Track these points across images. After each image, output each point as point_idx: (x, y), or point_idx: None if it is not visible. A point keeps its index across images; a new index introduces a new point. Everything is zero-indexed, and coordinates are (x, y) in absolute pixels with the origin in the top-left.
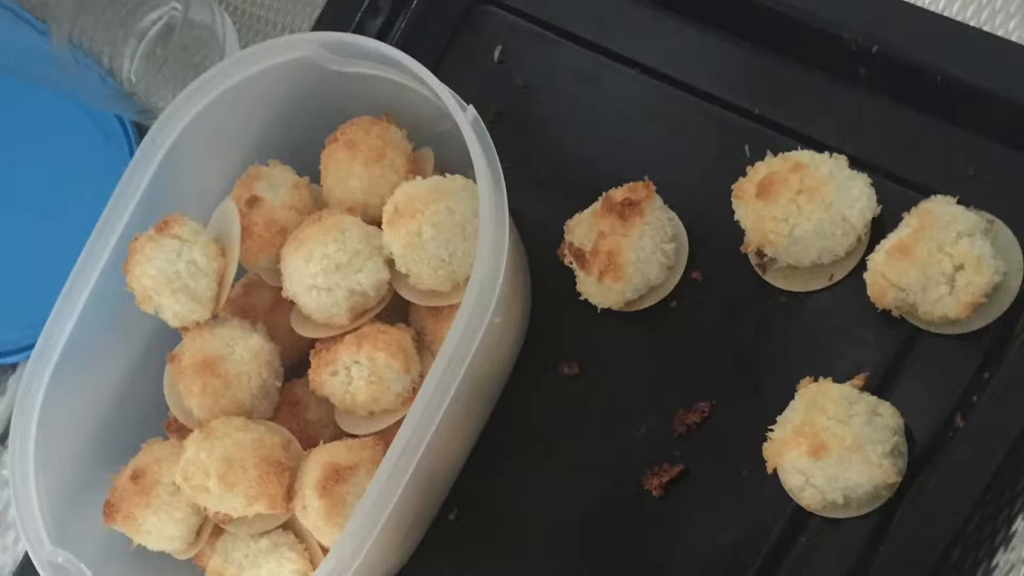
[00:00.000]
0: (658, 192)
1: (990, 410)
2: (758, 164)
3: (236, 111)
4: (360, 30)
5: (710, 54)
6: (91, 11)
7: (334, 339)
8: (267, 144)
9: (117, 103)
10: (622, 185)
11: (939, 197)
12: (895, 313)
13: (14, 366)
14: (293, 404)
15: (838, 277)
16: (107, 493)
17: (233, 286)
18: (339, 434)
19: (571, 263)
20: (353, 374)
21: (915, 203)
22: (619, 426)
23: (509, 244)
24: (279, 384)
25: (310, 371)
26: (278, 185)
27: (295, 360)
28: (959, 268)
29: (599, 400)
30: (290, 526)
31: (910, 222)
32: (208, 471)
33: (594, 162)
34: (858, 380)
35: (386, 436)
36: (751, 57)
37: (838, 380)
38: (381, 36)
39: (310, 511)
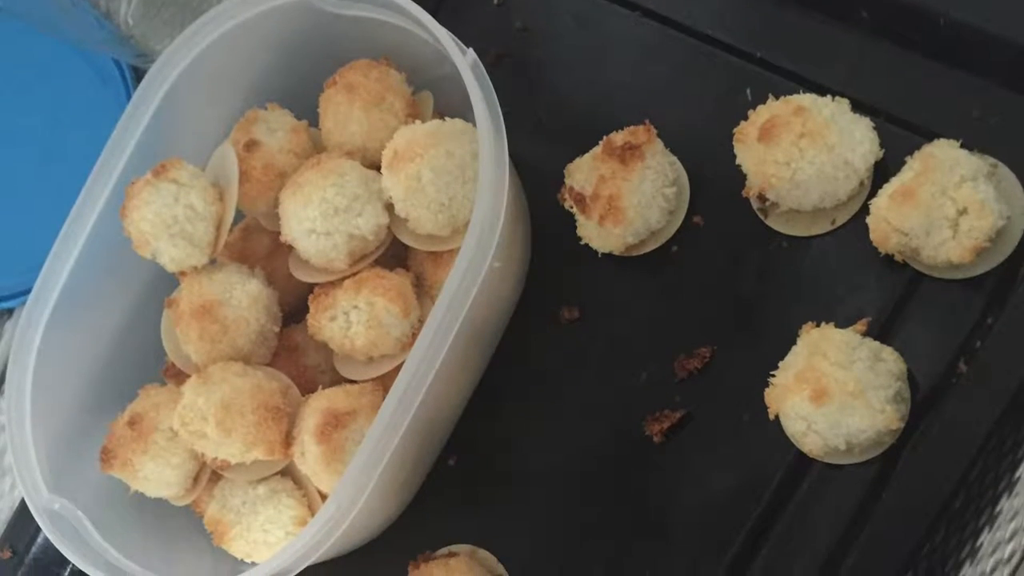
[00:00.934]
0: (659, 136)
1: (994, 355)
2: (760, 108)
3: (234, 54)
4: None
5: None
6: None
7: (333, 284)
8: (265, 87)
9: (114, 46)
10: (623, 129)
11: (942, 141)
12: (898, 258)
13: (10, 311)
14: (291, 349)
15: (840, 221)
16: (104, 439)
17: (231, 231)
18: (338, 379)
19: (571, 207)
20: (352, 319)
21: (918, 147)
22: (620, 371)
23: (509, 188)
24: (277, 329)
25: (308, 316)
26: (276, 129)
27: (293, 305)
28: (962, 212)
29: (599, 345)
30: (288, 472)
31: (913, 166)
32: (206, 417)
33: (594, 105)
34: (860, 325)
35: (385, 381)
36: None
37: (840, 325)
38: None
39: (308, 457)
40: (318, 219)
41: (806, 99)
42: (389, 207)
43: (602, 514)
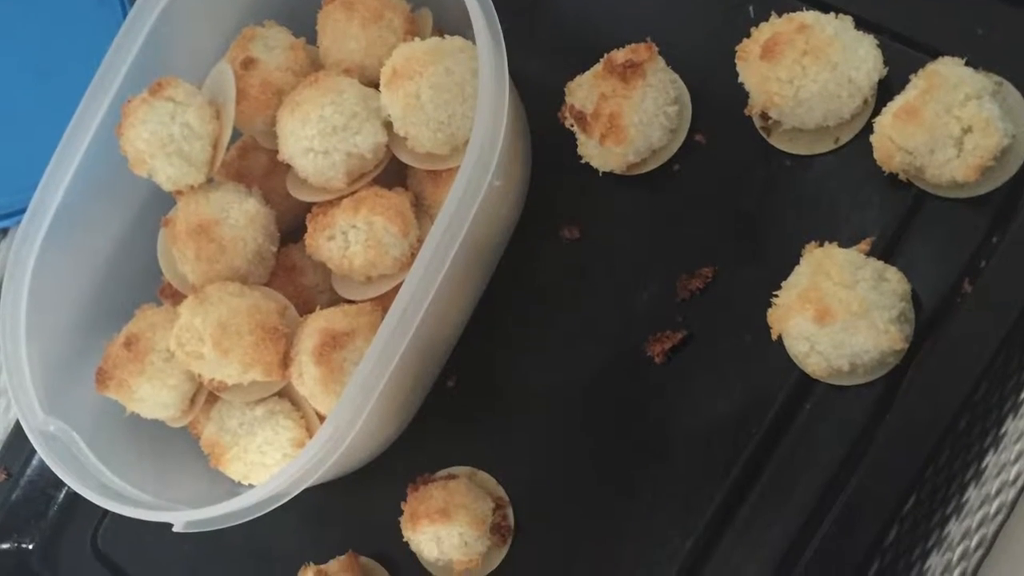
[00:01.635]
0: (660, 54)
1: (998, 275)
2: (762, 25)
3: None
4: None
5: None
6: None
7: (331, 203)
8: (263, 5)
9: None
10: (624, 46)
11: (947, 58)
12: (902, 177)
13: (5, 231)
14: (289, 269)
15: (844, 140)
16: (100, 360)
17: (228, 149)
18: (336, 299)
19: (572, 126)
20: (350, 238)
21: (922, 65)
22: (621, 291)
23: (509, 106)
24: (275, 249)
25: (306, 236)
26: (274, 46)
27: (291, 224)
28: (967, 130)
29: (600, 265)
30: (286, 393)
31: (917, 84)
32: (202, 337)
33: (595, 23)
34: (864, 245)
35: (384, 301)
36: None
37: (844, 245)
38: None
39: (306, 378)
40: (316, 137)
41: (809, 16)
42: (388, 125)
43: (602, 435)
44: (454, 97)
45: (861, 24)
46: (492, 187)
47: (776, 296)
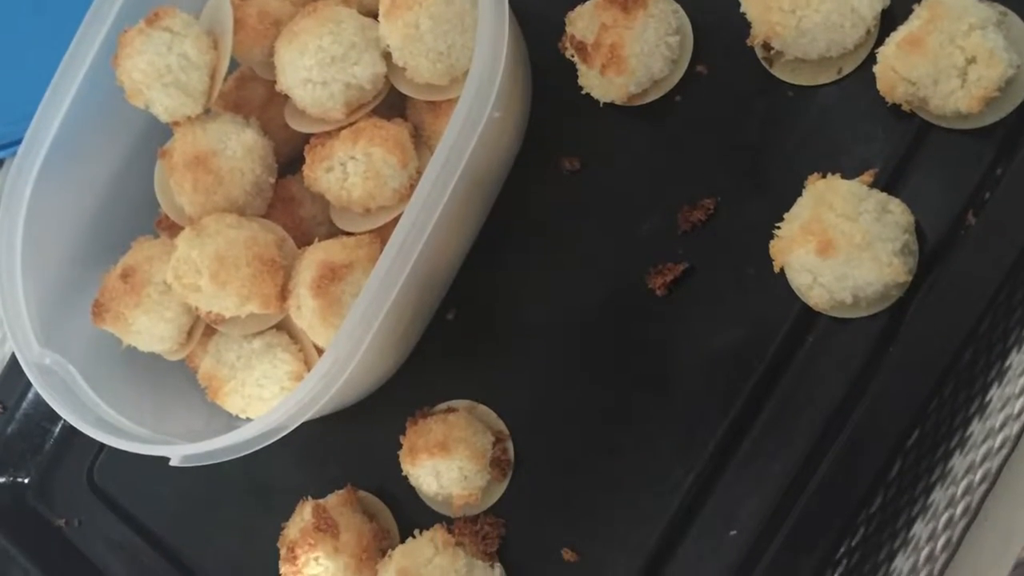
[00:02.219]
0: None
1: (1003, 207)
2: None
3: None
4: None
5: None
6: None
7: (329, 134)
8: None
9: None
10: None
11: None
12: (905, 107)
13: (1, 162)
14: (287, 201)
15: (847, 71)
16: (96, 293)
17: (225, 80)
18: (334, 231)
19: (573, 56)
20: (349, 170)
21: None
22: (622, 223)
23: (509, 36)
24: (273, 180)
25: (305, 167)
26: None
27: (289, 156)
28: (971, 61)
29: (601, 197)
30: (284, 326)
31: (921, 14)
32: (200, 269)
33: None
34: (867, 176)
35: (383, 233)
36: None
37: (847, 176)
38: None
39: (305, 311)
40: (314, 68)
41: None
42: (386, 56)
43: (603, 369)
44: (453, 27)
45: None
46: (492, 118)
47: (778, 228)
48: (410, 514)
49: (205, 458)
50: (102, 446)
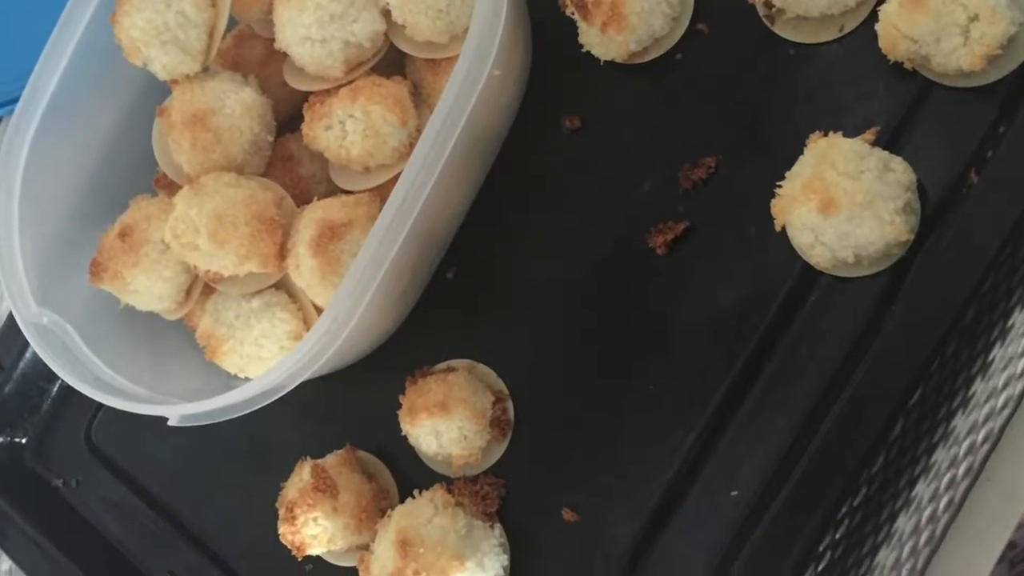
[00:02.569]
0: None
1: (1005, 165)
2: None
3: None
4: None
5: None
6: None
7: (328, 92)
8: None
9: None
10: None
11: None
12: (907, 65)
13: None
14: (286, 159)
15: (849, 28)
16: (94, 252)
17: (224, 38)
18: (333, 190)
19: (573, 14)
20: (348, 128)
21: None
22: (622, 182)
23: None
24: (271, 139)
25: (303, 125)
26: None
27: (288, 114)
28: (974, 19)
29: (602, 155)
30: (283, 285)
31: None
32: (198, 228)
33: None
34: (869, 134)
35: (382, 192)
36: None
37: (848, 134)
38: None
39: (303, 269)
40: (313, 25)
41: None
42: (386, 13)
43: (604, 329)
44: None
45: None
46: (492, 76)
47: (780, 187)
48: (409, 474)
49: (203, 418)
50: (100, 406)
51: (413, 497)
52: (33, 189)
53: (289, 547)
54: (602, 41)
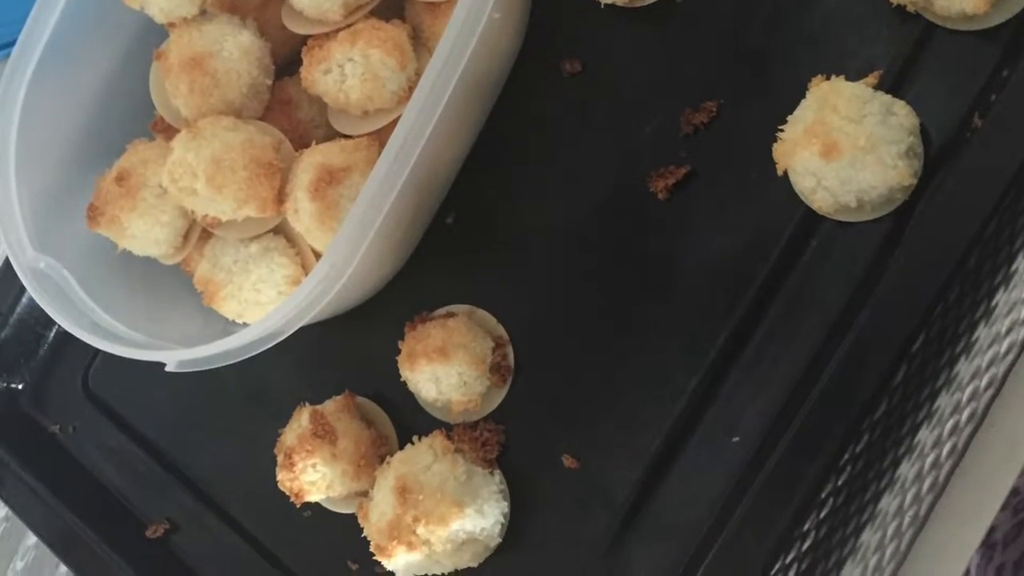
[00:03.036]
0: None
1: (1009, 109)
2: None
3: None
4: None
5: None
6: None
7: (327, 35)
8: None
9: None
10: None
11: None
12: (910, 8)
13: None
14: (284, 103)
15: None
16: (91, 196)
17: None
18: (332, 134)
19: None
20: (347, 72)
21: None
22: (623, 126)
23: None
24: (270, 83)
25: (302, 69)
26: None
27: (286, 58)
28: None
29: (602, 99)
30: (281, 230)
31: None
32: (196, 172)
33: None
34: (872, 78)
35: (381, 136)
36: None
37: (851, 78)
38: None
39: (302, 214)
40: None
41: None
42: None
43: (604, 274)
44: None
45: None
46: (491, 20)
47: (782, 131)
48: (409, 420)
49: (201, 363)
50: (97, 352)
51: (412, 443)
52: (30, 133)
53: (288, 494)
54: None
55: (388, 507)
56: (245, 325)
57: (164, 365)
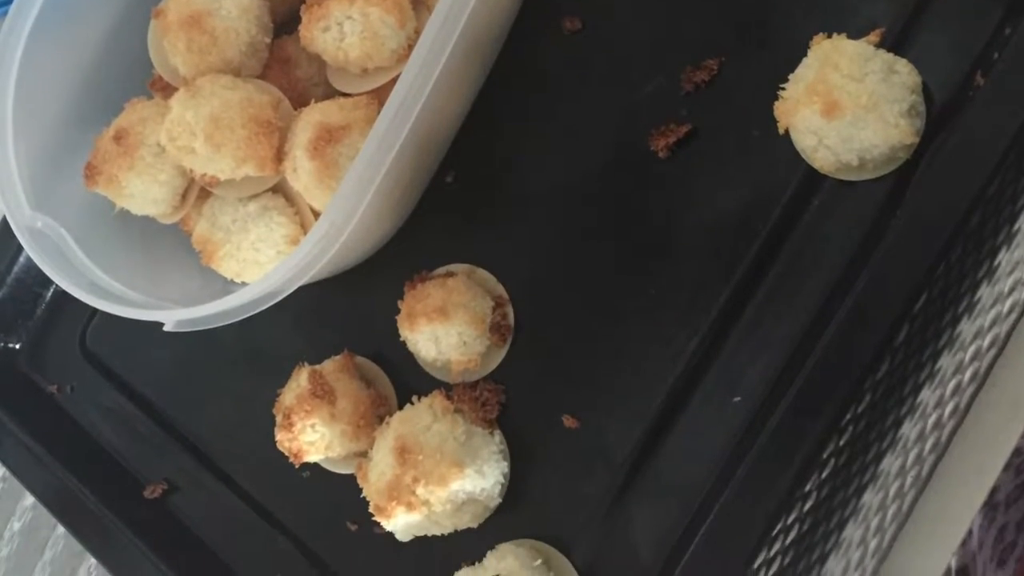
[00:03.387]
0: None
1: (1012, 67)
2: None
3: None
4: None
5: None
6: None
7: None
8: None
9: None
10: None
11: None
12: None
13: None
14: (283, 61)
15: None
16: (89, 155)
17: None
18: (331, 92)
19: None
20: (346, 30)
21: None
22: (624, 84)
23: None
24: (268, 40)
25: (301, 27)
26: None
27: (285, 15)
28: None
29: (603, 57)
30: (280, 189)
31: None
32: (194, 131)
33: None
34: (873, 36)
35: (380, 94)
36: None
37: (853, 36)
38: None
39: (301, 173)
40: None
41: None
42: None
43: (604, 234)
44: None
45: None
46: None
47: (783, 89)
48: (408, 380)
49: (199, 323)
50: (94, 311)
51: (412, 403)
52: (28, 92)
53: (286, 454)
54: None
55: (387, 467)
56: (244, 284)
57: (162, 325)
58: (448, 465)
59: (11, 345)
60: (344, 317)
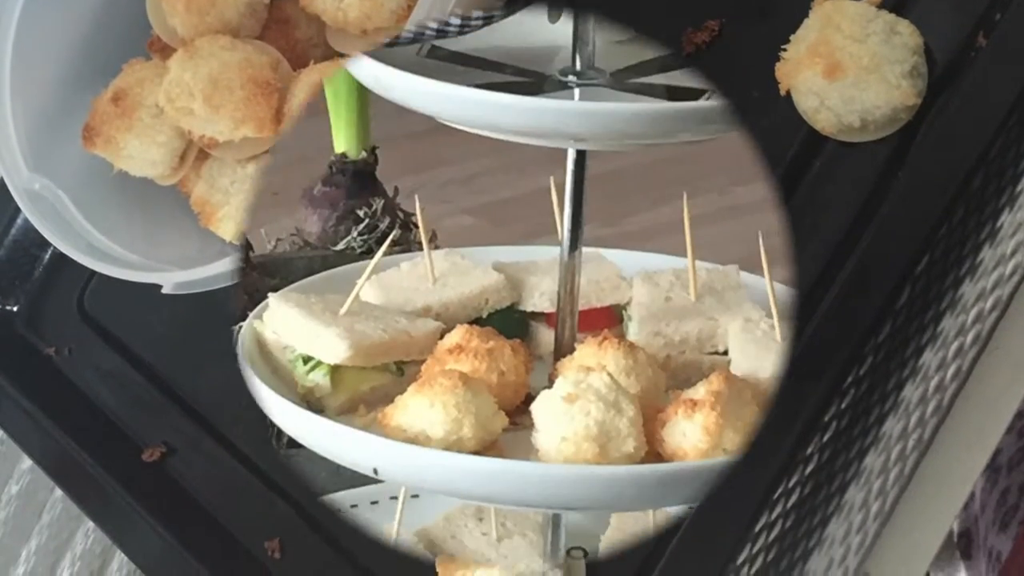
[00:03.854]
0: None
1: (1014, 28)
2: None
3: None
4: None
5: None
6: None
7: None
8: None
9: None
10: None
11: None
12: None
13: None
14: (282, 22)
15: None
16: (87, 116)
17: None
18: (330, 54)
19: None
20: None
21: None
22: None
23: None
24: (267, 1)
25: None
26: None
27: None
28: None
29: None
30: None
31: None
32: (193, 92)
33: None
34: None
35: None
36: None
37: None
38: None
39: None
40: None
41: None
42: None
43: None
44: None
45: None
46: None
47: (784, 50)
48: None
49: (198, 285)
50: (93, 273)
51: None
52: (25, 52)
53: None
54: None
55: None
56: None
57: (161, 287)
58: None
59: (8, 308)
60: None
